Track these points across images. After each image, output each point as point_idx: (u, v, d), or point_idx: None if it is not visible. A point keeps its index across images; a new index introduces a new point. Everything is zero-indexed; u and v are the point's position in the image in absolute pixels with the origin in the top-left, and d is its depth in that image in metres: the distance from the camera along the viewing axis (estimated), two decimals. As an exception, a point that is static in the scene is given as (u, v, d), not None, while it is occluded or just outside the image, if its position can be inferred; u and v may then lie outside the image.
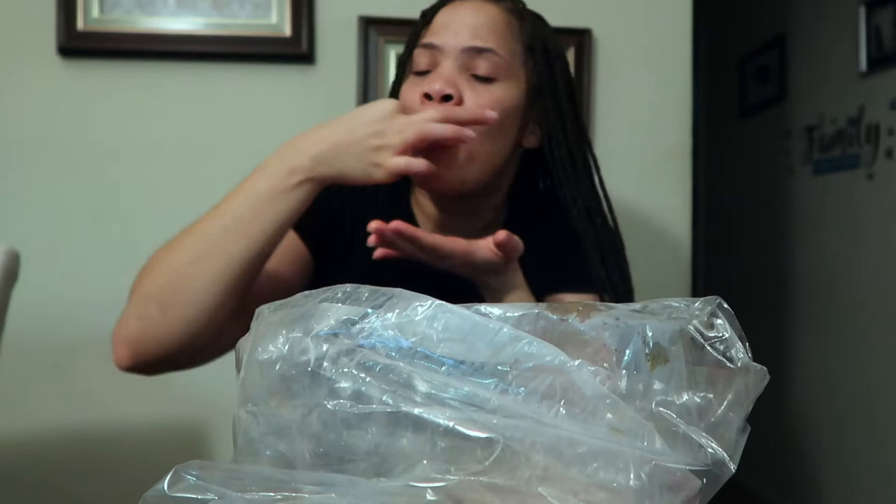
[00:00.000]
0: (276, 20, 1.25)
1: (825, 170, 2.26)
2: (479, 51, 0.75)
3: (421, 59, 0.77)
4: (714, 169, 3.09)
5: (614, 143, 1.34)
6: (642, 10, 1.34)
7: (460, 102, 0.74)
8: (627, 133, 1.34)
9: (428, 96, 0.74)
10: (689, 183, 1.37)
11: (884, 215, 1.98)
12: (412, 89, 0.77)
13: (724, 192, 3.01)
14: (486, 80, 0.76)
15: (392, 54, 1.27)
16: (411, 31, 0.84)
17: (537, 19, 0.85)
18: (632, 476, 0.30)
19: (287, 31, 1.25)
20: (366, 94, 1.26)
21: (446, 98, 0.74)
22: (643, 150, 1.34)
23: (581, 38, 1.31)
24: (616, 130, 1.34)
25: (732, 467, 0.34)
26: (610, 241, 0.86)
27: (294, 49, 1.25)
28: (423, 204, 0.86)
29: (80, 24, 1.21)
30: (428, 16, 0.81)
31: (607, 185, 1.33)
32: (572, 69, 1.30)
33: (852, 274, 2.12)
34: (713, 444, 0.34)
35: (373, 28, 1.26)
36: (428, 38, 0.78)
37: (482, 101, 0.75)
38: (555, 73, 0.83)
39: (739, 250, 2.85)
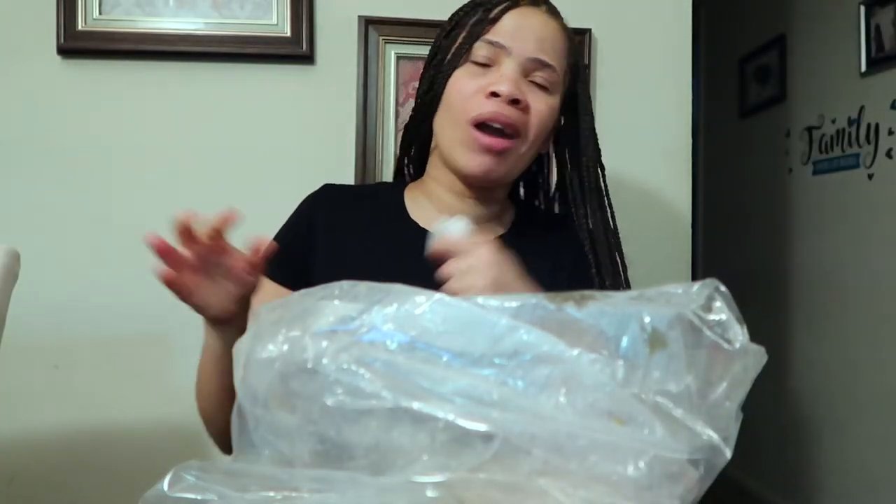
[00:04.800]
0: (276, 20, 1.25)
1: (825, 169, 2.26)
2: (542, 64, 0.82)
3: (481, 51, 0.81)
4: (714, 169, 3.09)
5: (614, 143, 1.34)
6: (642, 10, 1.34)
7: (527, 108, 0.81)
8: (627, 133, 1.34)
9: (495, 94, 0.78)
10: (689, 183, 1.37)
11: (884, 215, 1.98)
12: (471, 80, 0.81)
13: (723, 191, 3.01)
14: (542, 87, 0.83)
15: (392, 54, 1.27)
16: (447, 24, 0.87)
17: (573, 35, 0.90)
18: (631, 468, 0.30)
19: (287, 31, 1.25)
20: (366, 94, 1.26)
21: (514, 101, 0.79)
22: (643, 150, 1.34)
23: (581, 38, 1.31)
24: (616, 130, 1.34)
25: (728, 454, 0.34)
26: (616, 245, 0.94)
27: (294, 49, 1.25)
28: (434, 192, 0.89)
29: (80, 24, 1.21)
30: (490, 10, 0.82)
31: (608, 185, 1.34)
32: (572, 69, 1.31)
33: (852, 274, 2.12)
34: (710, 432, 0.34)
35: (373, 28, 1.26)
36: (495, 35, 0.81)
37: (540, 108, 0.82)
38: (586, 89, 0.91)
39: (739, 250, 2.85)
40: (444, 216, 0.88)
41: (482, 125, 0.79)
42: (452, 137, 0.82)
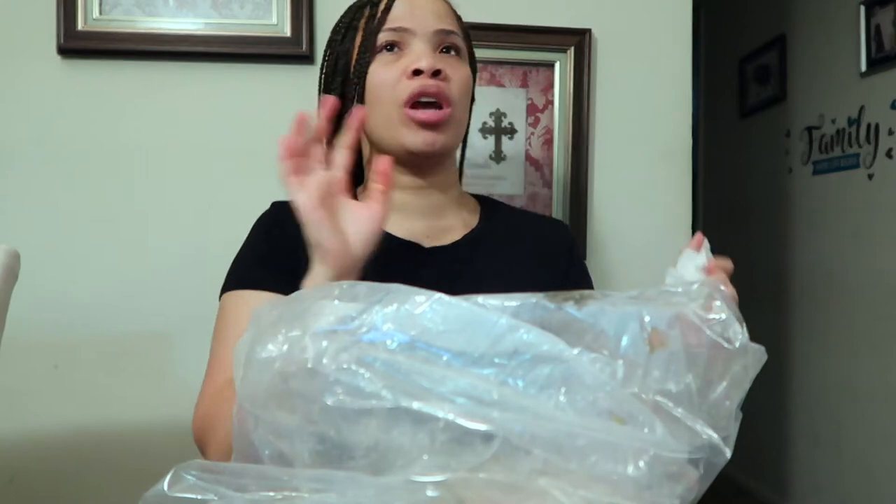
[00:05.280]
0: (276, 20, 1.25)
1: (825, 169, 2.26)
2: (447, 33, 0.83)
3: (386, 38, 0.82)
4: (714, 169, 3.09)
5: (614, 143, 1.34)
6: (642, 10, 1.34)
7: (447, 77, 0.81)
8: (627, 133, 1.34)
9: (417, 72, 0.79)
10: (689, 183, 1.37)
11: (884, 215, 1.98)
12: (388, 67, 0.82)
13: (723, 192, 3.01)
14: (455, 55, 0.84)
15: (392, 54, 1.27)
16: (335, 37, 0.88)
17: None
18: (631, 467, 0.30)
19: (287, 31, 1.25)
20: (366, 94, 1.26)
21: (436, 73, 0.80)
22: (643, 150, 1.34)
23: (581, 38, 1.31)
24: (616, 130, 1.34)
25: (728, 453, 0.34)
26: None
27: (294, 49, 1.25)
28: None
29: (80, 24, 1.21)
30: (377, 4, 0.84)
31: (607, 185, 1.34)
32: (572, 69, 1.31)
33: (852, 274, 2.12)
34: (710, 431, 0.34)
35: (373, 28, 1.26)
36: (394, 22, 0.82)
37: (460, 75, 0.83)
38: (475, 58, 0.92)
39: (739, 250, 2.85)
40: (399, 217, 0.85)
41: (414, 104, 0.80)
42: (389, 124, 0.81)
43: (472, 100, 0.91)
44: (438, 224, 0.87)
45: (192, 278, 1.25)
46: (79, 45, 1.21)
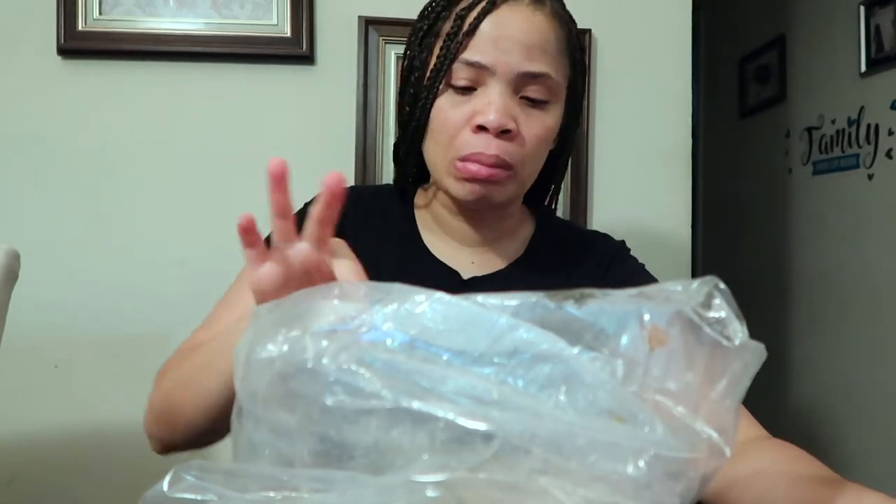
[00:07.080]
0: (276, 20, 1.25)
1: (825, 170, 2.26)
2: (533, 77, 0.71)
3: (462, 73, 0.72)
4: (714, 169, 3.09)
5: (614, 143, 1.34)
6: (642, 11, 1.34)
7: (518, 135, 0.72)
8: (627, 133, 1.34)
9: (481, 127, 0.70)
10: (689, 183, 1.37)
11: (884, 215, 1.98)
12: (454, 109, 0.72)
13: (723, 192, 3.01)
14: (539, 103, 0.73)
15: (392, 54, 1.27)
16: (420, 25, 0.76)
17: (569, 16, 0.80)
18: (631, 466, 0.30)
19: (287, 31, 1.25)
20: (366, 94, 1.26)
21: (504, 132, 0.70)
22: (643, 150, 1.35)
23: (581, 39, 1.31)
24: (616, 130, 1.34)
25: (728, 452, 0.34)
26: None
27: (294, 49, 1.25)
28: (440, 216, 0.83)
29: (80, 24, 1.21)
30: (464, 19, 0.72)
31: (607, 185, 1.34)
32: (572, 69, 1.31)
33: (852, 274, 2.12)
34: (710, 430, 0.34)
35: (373, 28, 1.26)
36: (473, 53, 0.71)
37: (536, 132, 0.73)
38: (584, 74, 0.82)
39: (739, 251, 2.85)
40: (449, 241, 0.80)
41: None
42: (441, 169, 0.75)
43: (575, 128, 0.82)
44: (487, 251, 0.82)
45: (192, 278, 1.25)
46: (79, 45, 1.21)
